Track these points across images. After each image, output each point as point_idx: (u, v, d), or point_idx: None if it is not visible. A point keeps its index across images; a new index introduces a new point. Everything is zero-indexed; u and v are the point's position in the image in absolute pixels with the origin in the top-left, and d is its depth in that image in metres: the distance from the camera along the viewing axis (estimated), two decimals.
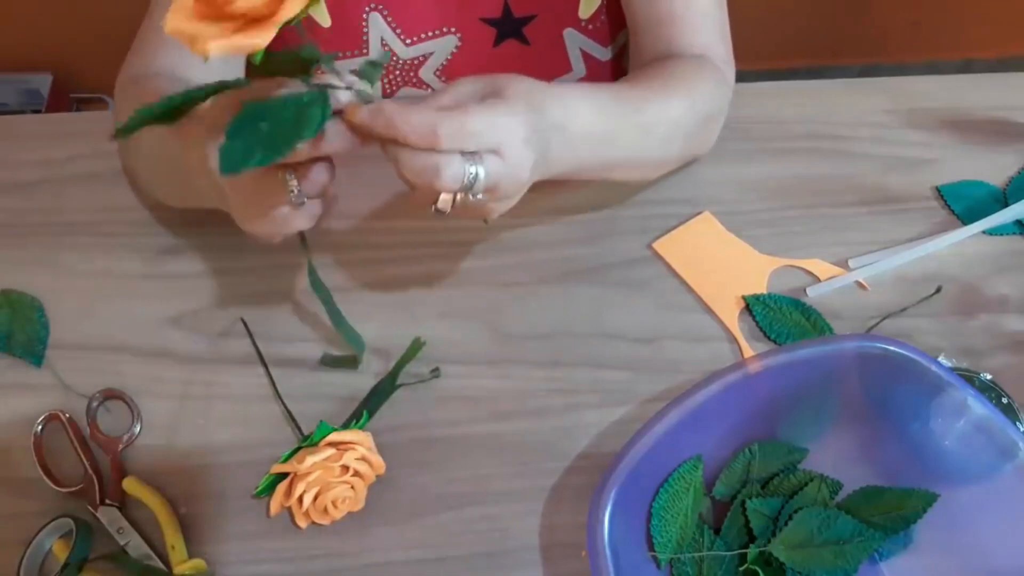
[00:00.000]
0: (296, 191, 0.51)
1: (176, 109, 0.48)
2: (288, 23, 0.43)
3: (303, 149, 0.49)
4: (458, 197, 0.51)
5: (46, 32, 1.60)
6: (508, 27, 0.81)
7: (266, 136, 0.44)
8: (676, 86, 0.67)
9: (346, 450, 0.60)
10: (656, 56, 0.73)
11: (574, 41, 0.84)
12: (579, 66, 0.86)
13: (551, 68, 0.86)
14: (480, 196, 0.52)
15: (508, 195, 0.54)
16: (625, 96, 0.64)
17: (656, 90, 0.66)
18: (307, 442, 0.60)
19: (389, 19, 0.79)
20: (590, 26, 0.82)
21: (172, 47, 0.71)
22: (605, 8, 0.81)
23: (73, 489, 0.61)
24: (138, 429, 0.64)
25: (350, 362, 0.66)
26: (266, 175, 0.51)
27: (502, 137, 0.51)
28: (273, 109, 0.45)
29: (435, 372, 0.67)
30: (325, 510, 0.59)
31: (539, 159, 0.54)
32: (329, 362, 0.67)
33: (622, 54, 0.88)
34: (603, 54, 0.86)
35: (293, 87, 0.48)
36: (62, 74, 1.66)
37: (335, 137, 0.49)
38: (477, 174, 0.50)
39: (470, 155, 0.50)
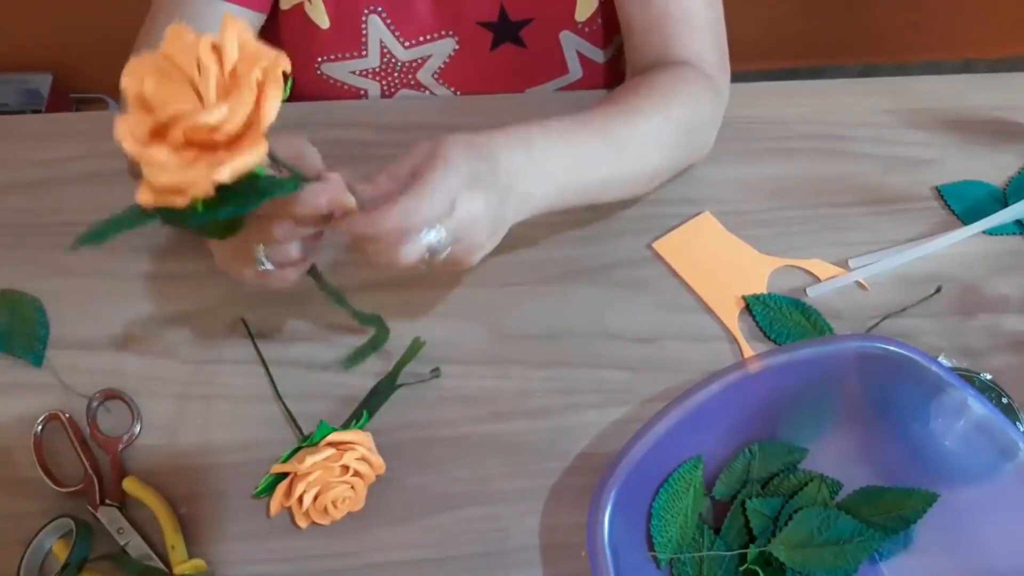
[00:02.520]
0: (263, 260, 0.53)
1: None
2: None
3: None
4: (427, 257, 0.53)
5: (46, 32, 1.60)
6: (504, 30, 0.81)
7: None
8: (645, 102, 0.67)
9: (346, 450, 0.60)
10: (649, 62, 0.73)
11: (570, 43, 0.84)
12: (576, 68, 0.86)
13: (547, 70, 0.86)
14: (446, 252, 0.53)
15: (473, 243, 0.55)
16: (589, 121, 0.64)
17: (623, 109, 0.66)
18: (307, 442, 0.60)
19: (388, 21, 0.79)
20: (586, 28, 0.82)
21: None
22: (601, 10, 0.81)
23: (73, 489, 0.61)
24: (138, 429, 0.64)
25: (372, 348, 0.64)
26: (239, 240, 0.52)
27: (449, 196, 0.52)
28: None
29: (435, 372, 0.67)
30: (325, 510, 0.59)
31: (496, 199, 0.55)
32: (353, 360, 0.65)
33: (618, 56, 0.88)
34: (600, 56, 0.86)
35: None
36: (62, 74, 1.66)
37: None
38: (439, 240, 0.52)
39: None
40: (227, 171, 0.38)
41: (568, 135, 0.62)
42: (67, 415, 0.63)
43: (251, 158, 0.38)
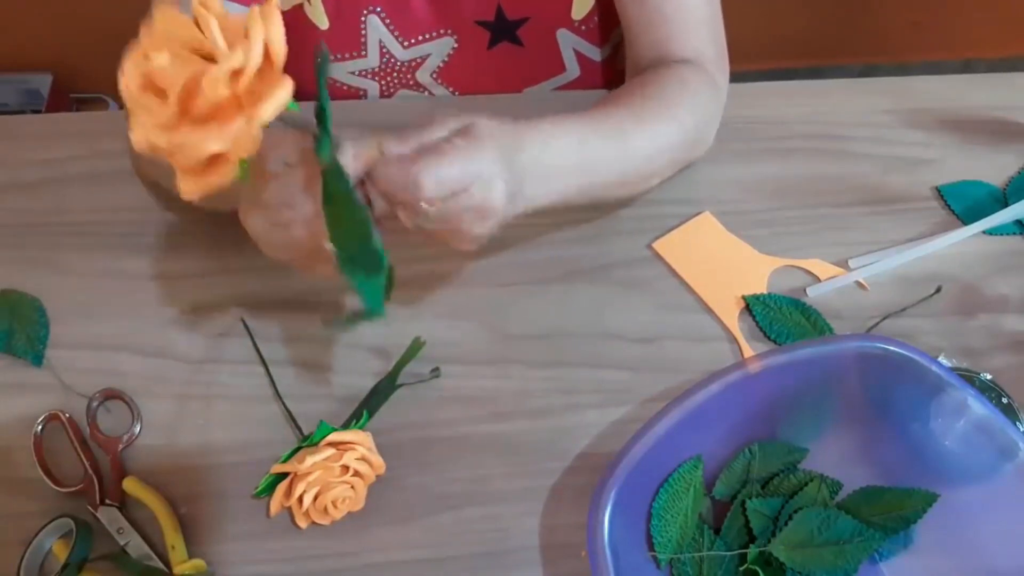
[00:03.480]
0: None
1: None
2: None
3: None
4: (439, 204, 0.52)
5: (46, 32, 1.60)
6: (502, 29, 0.81)
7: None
8: (653, 104, 0.67)
9: (346, 450, 0.60)
10: (648, 59, 0.73)
11: (567, 42, 0.84)
12: (573, 66, 0.87)
13: (545, 69, 0.86)
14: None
15: (481, 209, 0.54)
16: (601, 123, 0.64)
17: (632, 111, 0.66)
18: (307, 442, 0.60)
19: (387, 21, 0.79)
20: (583, 27, 0.82)
21: None
22: (598, 8, 0.81)
23: (73, 489, 0.61)
24: (138, 429, 0.64)
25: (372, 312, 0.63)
26: (315, 246, 0.53)
27: (476, 172, 0.52)
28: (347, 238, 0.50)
29: (435, 372, 0.67)
30: (325, 510, 0.59)
31: (513, 190, 0.55)
32: (346, 322, 0.66)
33: (615, 54, 0.88)
34: (596, 54, 0.86)
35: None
36: (62, 74, 1.66)
37: None
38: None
39: None
40: (268, 108, 0.37)
41: (578, 134, 0.62)
42: (67, 415, 0.63)
43: (283, 93, 0.38)
